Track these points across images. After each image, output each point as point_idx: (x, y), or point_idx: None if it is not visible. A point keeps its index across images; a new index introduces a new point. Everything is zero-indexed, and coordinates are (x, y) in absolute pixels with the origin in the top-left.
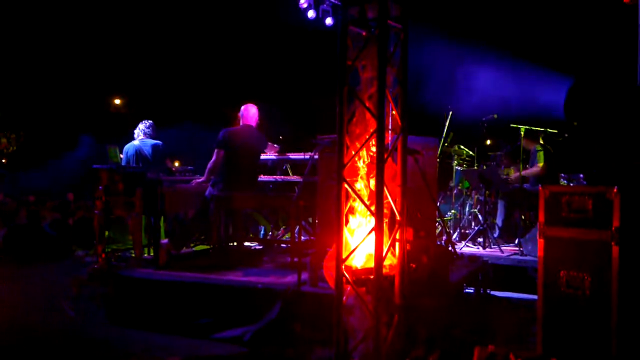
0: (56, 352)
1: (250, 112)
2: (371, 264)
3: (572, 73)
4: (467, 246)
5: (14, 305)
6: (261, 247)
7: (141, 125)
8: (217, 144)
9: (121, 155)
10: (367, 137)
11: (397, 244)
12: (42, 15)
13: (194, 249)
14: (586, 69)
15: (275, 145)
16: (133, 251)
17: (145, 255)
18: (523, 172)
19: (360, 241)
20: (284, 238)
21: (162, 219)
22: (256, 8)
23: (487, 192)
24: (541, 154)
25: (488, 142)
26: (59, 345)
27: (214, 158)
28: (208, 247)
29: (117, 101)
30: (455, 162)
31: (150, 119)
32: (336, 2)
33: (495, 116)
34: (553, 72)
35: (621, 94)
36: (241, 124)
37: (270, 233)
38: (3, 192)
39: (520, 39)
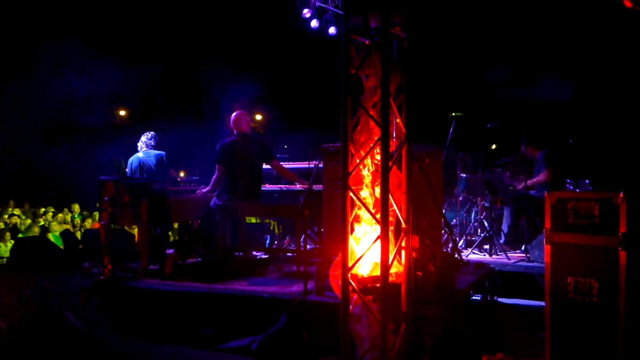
0: None
1: (243, 120)
2: (377, 272)
3: (575, 77)
4: (474, 253)
5: (20, 315)
6: (267, 256)
7: (143, 138)
8: (216, 160)
9: (126, 170)
10: (372, 145)
11: (403, 251)
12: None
13: (200, 258)
14: (590, 74)
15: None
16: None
17: (151, 265)
18: (529, 182)
19: (366, 249)
20: (289, 247)
21: (168, 229)
22: (260, 17)
23: (492, 198)
24: (546, 161)
25: (493, 146)
26: (65, 355)
27: (216, 173)
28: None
29: (122, 112)
30: (461, 169)
31: (152, 130)
32: (339, 11)
33: (499, 124)
34: (556, 75)
35: (626, 99)
36: (235, 133)
37: (275, 242)
38: None
39: (524, 43)
